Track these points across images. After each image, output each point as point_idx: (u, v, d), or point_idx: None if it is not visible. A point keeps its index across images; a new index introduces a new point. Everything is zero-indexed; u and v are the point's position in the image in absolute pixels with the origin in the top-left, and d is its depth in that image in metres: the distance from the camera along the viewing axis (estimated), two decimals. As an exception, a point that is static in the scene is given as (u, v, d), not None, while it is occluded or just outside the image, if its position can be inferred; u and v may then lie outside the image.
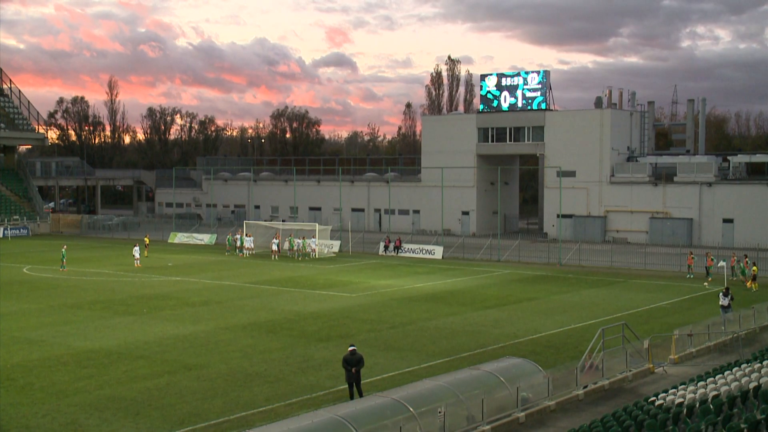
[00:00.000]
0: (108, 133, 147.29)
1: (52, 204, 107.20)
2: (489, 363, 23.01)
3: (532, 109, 78.59)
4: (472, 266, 56.60)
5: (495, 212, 78.60)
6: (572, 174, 74.66)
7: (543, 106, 78.03)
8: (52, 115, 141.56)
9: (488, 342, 30.62)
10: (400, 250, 63.96)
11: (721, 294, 33.63)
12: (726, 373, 22.20)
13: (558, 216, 71.04)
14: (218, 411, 22.02)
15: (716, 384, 20.70)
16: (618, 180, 74.14)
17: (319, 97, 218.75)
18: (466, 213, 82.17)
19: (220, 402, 22.87)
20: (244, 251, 61.93)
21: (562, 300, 41.47)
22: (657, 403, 19.70)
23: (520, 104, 79.15)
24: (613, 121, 75.32)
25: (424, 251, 63.08)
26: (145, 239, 62.68)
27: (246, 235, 63.00)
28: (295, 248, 61.32)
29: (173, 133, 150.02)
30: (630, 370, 25.43)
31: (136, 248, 56.27)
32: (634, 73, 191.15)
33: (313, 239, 61.83)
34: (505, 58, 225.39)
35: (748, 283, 45.43)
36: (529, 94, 78.70)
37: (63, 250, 54.12)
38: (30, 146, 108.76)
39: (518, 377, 21.58)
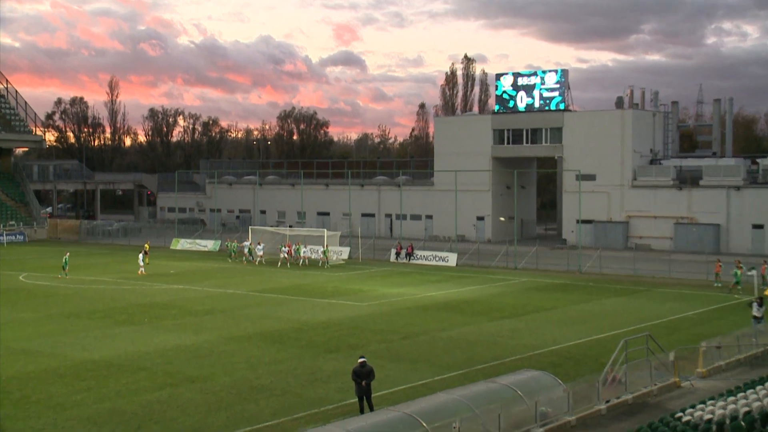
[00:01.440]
0: (108, 135, 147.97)
1: (49, 209, 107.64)
2: (506, 376, 22.89)
3: (549, 110, 78.41)
4: (488, 274, 56.46)
5: (511, 217, 78.43)
6: (592, 177, 74.41)
7: (561, 106, 77.84)
8: (50, 116, 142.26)
9: (505, 353, 30.49)
10: (412, 257, 63.85)
11: (754, 304, 33.22)
12: (758, 387, 21.95)
13: (577, 221, 70.81)
14: (222, 425, 21.95)
15: (747, 399, 20.47)
16: (640, 184, 73.83)
17: (326, 97, 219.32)
18: (481, 218, 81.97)
19: (224, 416, 22.80)
20: (257, 258, 61.91)
21: (583, 309, 41.28)
22: (684, 419, 19.50)
23: (537, 104, 79.00)
24: (634, 122, 75.02)
25: (437, 258, 62.97)
26: (146, 246, 62.78)
27: (258, 242, 63.03)
28: (302, 255, 61.31)
29: (175, 135, 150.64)
30: (655, 384, 25.23)
31: (141, 255, 56.41)
32: (656, 71, 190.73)
33: (319, 246, 61.84)
34: (521, 56, 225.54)
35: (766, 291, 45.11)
36: (546, 94, 78.53)
37: (66, 256, 54.04)
38: (27, 149, 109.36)
39: (537, 391, 21.43)
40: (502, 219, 78.09)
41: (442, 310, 40.55)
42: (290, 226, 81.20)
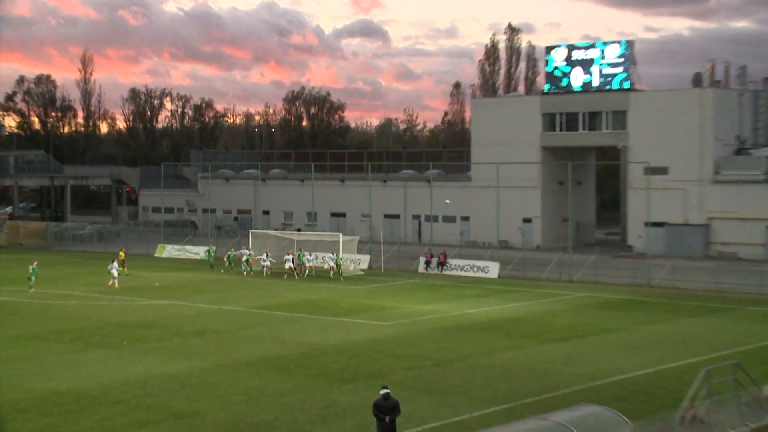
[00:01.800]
0: (80, 120, 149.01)
1: (9, 209, 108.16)
2: (559, 412, 22.65)
3: (611, 90, 78.03)
4: (537, 288, 56.39)
5: (565, 219, 78.06)
6: (664, 171, 73.68)
7: (626, 85, 77.44)
8: (10, 97, 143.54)
9: (558, 384, 30.34)
10: (445, 267, 63.87)
11: None
12: None
13: (646, 224, 70.31)
14: (215, 471, 21.87)
15: None
16: (724, 178, 73.25)
17: (342, 75, 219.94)
18: (528, 220, 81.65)
19: (217, 459, 22.71)
20: (264, 270, 61.94)
21: (653, 332, 41.05)
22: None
23: (596, 83, 78.69)
24: (716, 104, 74.47)
25: (475, 268, 62.99)
26: (120, 254, 62.88)
27: (264, 252, 63.09)
28: (307, 264, 61.27)
29: (161, 120, 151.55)
30: (746, 425, 24.85)
31: (114, 264, 56.46)
32: (743, 41, 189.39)
33: (330, 254, 61.84)
34: (576, 25, 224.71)
35: None
36: (607, 71, 78.15)
37: (33, 266, 54.10)
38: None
39: (597, 430, 21.18)
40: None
41: (482, 332, 40.46)
42: (298, 230, 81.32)
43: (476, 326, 41.93)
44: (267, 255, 62.84)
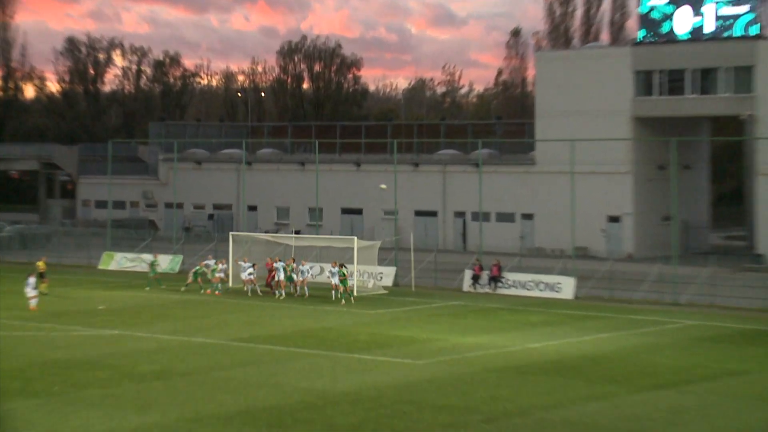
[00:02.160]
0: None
1: None
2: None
3: (731, 37, 77.63)
4: (628, 313, 56.35)
5: (667, 218, 77.69)
6: (806, 151, 73.49)
7: (752, 30, 77.03)
8: None
9: (662, 450, 29.91)
10: (499, 284, 63.80)
11: None
12: None
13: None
14: None
15: None
16: None
17: (357, 20, 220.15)
18: (615, 219, 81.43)
19: None
20: (246, 286, 61.96)
21: (795, 375, 40.79)
22: None
23: (710, 28, 78.56)
24: None
25: (542, 286, 63.04)
26: (39, 264, 62.76)
27: (242, 259, 63.17)
28: (299, 279, 61.29)
29: (109, 81, 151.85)
30: None
31: (30, 280, 56.25)
32: None
33: (333, 268, 61.64)
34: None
35: None
36: (726, 10, 78.00)
37: None
38: None
39: None
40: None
41: (552, 375, 40.32)
42: (297, 232, 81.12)
43: (544, 367, 41.74)
44: (244, 261, 62.70)
